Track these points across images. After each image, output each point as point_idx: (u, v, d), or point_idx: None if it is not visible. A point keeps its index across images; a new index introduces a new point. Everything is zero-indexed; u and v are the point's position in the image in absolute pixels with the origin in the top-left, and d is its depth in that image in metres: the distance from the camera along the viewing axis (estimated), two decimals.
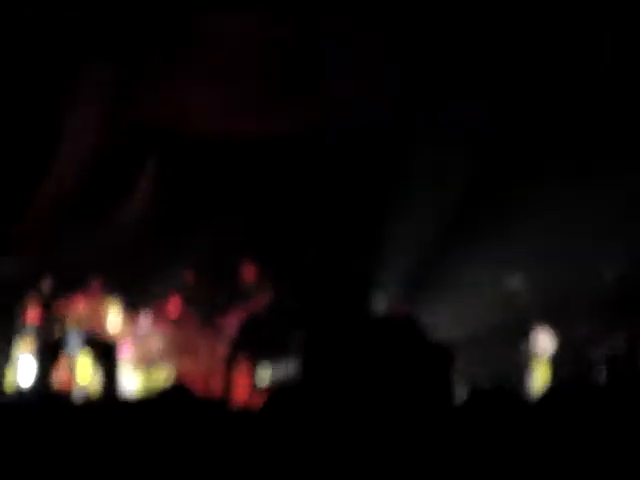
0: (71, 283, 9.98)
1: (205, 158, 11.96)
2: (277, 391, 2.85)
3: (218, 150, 12.02)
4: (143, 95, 12.23)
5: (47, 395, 3.20)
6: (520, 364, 9.03)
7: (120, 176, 12.12)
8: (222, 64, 11.90)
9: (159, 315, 10.00)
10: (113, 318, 9.80)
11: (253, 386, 8.67)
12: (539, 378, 9.12)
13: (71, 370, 9.26)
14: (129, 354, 9.71)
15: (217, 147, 12.05)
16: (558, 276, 9.53)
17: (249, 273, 9.52)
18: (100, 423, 3.16)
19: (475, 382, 9.27)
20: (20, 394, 3.06)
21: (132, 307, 10.05)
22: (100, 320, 9.75)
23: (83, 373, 9.24)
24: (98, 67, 11.92)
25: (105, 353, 9.54)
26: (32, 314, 9.50)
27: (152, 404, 2.93)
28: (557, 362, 9.14)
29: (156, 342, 9.83)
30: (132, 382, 9.65)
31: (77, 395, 8.96)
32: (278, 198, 11.66)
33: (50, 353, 9.33)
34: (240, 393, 9.28)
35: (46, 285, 9.77)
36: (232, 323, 9.39)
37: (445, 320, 10.00)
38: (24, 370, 9.27)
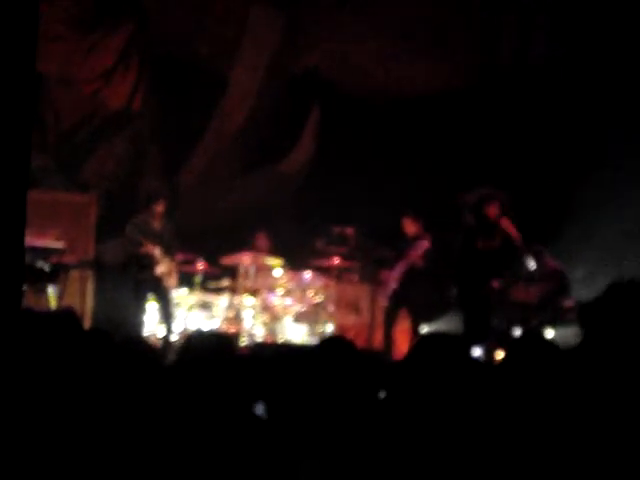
0: (236, 237, 10.19)
1: (366, 113, 11.89)
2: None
3: (379, 105, 11.95)
4: (309, 45, 12.26)
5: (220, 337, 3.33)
6: None
7: (284, 126, 12.23)
8: (389, 15, 11.81)
9: (322, 270, 10.12)
10: (278, 273, 9.98)
11: (414, 340, 8.67)
12: None
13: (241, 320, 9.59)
14: (293, 308, 9.92)
15: (378, 102, 11.97)
16: None
17: (410, 227, 9.49)
18: (266, 366, 3.29)
19: None
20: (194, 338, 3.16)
21: (295, 262, 10.19)
22: (266, 275, 9.95)
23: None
24: (269, 12, 12.01)
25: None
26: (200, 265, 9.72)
27: (313, 352, 3.01)
28: None
29: (318, 297, 9.98)
30: (297, 335, 9.86)
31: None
32: (439, 153, 11.51)
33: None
34: (401, 347, 9.33)
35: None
36: (392, 277, 9.41)
37: None
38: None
